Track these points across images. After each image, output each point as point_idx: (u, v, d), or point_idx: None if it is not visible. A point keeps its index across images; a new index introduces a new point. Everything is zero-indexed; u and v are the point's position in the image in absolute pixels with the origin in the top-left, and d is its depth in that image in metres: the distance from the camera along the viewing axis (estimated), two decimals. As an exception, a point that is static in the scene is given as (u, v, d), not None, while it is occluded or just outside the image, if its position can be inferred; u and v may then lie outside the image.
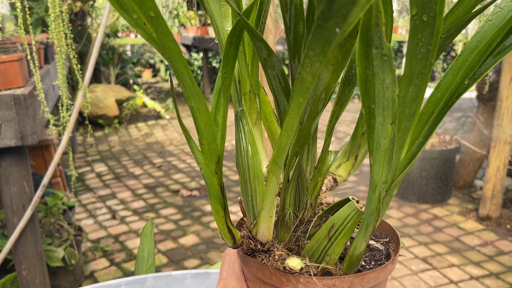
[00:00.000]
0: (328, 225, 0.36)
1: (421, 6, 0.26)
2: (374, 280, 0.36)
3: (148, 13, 0.28)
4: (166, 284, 0.75)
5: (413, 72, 0.30)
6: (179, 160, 3.98)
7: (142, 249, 0.95)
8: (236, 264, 0.43)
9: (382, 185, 0.34)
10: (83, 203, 3.07)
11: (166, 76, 8.94)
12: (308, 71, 0.25)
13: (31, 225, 1.54)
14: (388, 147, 0.32)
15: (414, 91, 0.31)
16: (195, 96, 0.33)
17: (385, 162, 0.33)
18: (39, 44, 1.86)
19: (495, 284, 2.05)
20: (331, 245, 0.37)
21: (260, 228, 0.38)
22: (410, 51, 0.29)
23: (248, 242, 0.39)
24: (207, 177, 0.37)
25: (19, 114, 1.36)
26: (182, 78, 0.32)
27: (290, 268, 0.36)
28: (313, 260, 0.37)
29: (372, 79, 0.28)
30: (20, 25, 1.34)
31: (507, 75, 2.39)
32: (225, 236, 0.39)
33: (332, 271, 0.37)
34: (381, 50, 0.27)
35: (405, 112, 0.32)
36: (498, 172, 2.54)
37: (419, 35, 0.28)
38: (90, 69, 1.52)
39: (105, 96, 5.13)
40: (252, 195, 0.38)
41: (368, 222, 0.35)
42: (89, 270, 2.25)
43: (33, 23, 3.67)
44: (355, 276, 0.35)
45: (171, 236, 2.59)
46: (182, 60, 0.31)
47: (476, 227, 2.58)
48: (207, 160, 0.37)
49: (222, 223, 0.38)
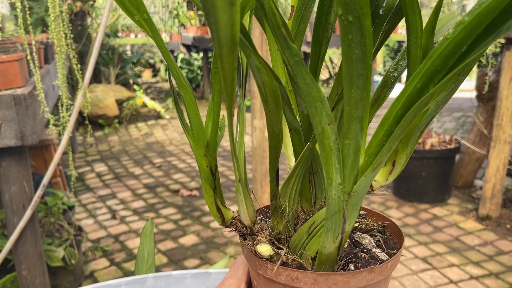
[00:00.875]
0: (310, 222, 0.37)
1: (345, 6, 0.26)
2: (343, 284, 0.36)
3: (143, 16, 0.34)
4: (166, 284, 0.75)
5: (352, 73, 0.29)
6: (179, 160, 3.98)
7: (142, 249, 0.95)
8: (240, 268, 0.46)
9: (338, 186, 0.33)
10: (83, 203, 3.07)
11: (166, 76, 8.93)
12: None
13: (31, 225, 1.54)
14: (333, 147, 0.32)
15: (358, 93, 0.30)
16: (183, 87, 0.38)
17: (335, 163, 0.33)
18: (39, 44, 1.86)
19: (495, 284, 2.05)
20: (309, 241, 0.37)
21: (240, 212, 0.42)
22: (345, 52, 0.29)
23: (236, 223, 0.43)
24: (198, 160, 0.42)
25: (19, 114, 1.36)
26: (172, 71, 0.37)
27: (259, 253, 0.38)
28: (295, 253, 0.39)
29: (297, 79, 0.29)
30: (20, 25, 1.34)
31: (507, 75, 2.39)
32: (213, 214, 0.43)
33: (304, 266, 0.38)
34: (291, 51, 0.28)
35: (352, 113, 0.31)
36: (498, 172, 2.54)
37: (350, 35, 0.28)
38: (90, 69, 1.52)
39: (105, 96, 5.13)
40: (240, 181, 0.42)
41: (332, 223, 0.35)
42: (89, 270, 2.25)
43: (33, 23, 3.66)
44: (319, 274, 0.35)
45: (171, 236, 2.59)
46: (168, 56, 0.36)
47: (476, 227, 2.58)
48: (196, 144, 0.42)
49: (211, 202, 0.43)
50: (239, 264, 0.47)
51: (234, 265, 0.47)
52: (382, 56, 8.68)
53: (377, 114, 0.45)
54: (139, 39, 8.84)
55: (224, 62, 0.25)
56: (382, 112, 0.35)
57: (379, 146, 0.33)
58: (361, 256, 0.40)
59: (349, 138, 0.32)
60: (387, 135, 0.32)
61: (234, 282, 0.44)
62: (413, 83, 0.30)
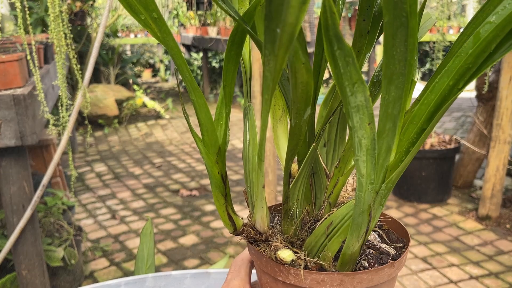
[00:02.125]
0: (327, 222, 0.37)
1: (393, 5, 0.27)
2: (367, 282, 0.36)
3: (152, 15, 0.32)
4: (166, 284, 0.75)
5: (393, 72, 0.30)
6: (178, 160, 3.98)
7: (141, 249, 0.95)
8: (242, 269, 0.45)
9: (369, 185, 0.34)
10: (83, 203, 3.07)
11: (165, 76, 8.93)
12: (268, 68, 0.26)
13: (31, 225, 1.54)
14: (370, 147, 0.32)
15: (396, 92, 0.30)
16: (195, 91, 0.36)
17: (369, 162, 0.33)
18: (38, 44, 1.86)
19: (494, 284, 2.05)
20: (328, 242, 0.37)
21: (256, 218, 0.40)
22: (387, 51, 0.29)
23: (249, 230, 0.41)
24: (208, 166, 0.40)
25: (19, 114, 1.36)
26: (183, 74, 0.35)
27: (281, 259, 0.37)
28: (311, 255, 0.38)
29: (341, 78, 0.29)
30: (20, 25, 1.34)
31: (506, 74, 2.39)
32: (225, 223, 0.41)
33: (325, 267, 0.37)
34: (343, 51, 0.27)
35: (388, 112, 0.31)
36: (497, 172, 2.54)
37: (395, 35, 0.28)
38: (90, 69, 1.52)
39: (104, 96, 5.13)
40: (251, 186, 0.40)
41: (359, 222, 0.35)
42: (89, 270, 2.25)
43: (33, 23, 3.66)
44: (345, 275, 0.35)
45: (171, 236, 2.59)
46: (181, 57, 0.34)
47: (475, 226, 2.58)
48: (207, 150, 0.39)
49: (222, 210, 0.41)
50: (240, 264, 0.46)
51: (234, 266, 0.46)
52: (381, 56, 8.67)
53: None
54: (139, 39, 8.84)
55: (277, 63, 0.25)
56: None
57: (409, 144, 0.34)
58: (370, 252, 0.41)
59: (383, 137, 0.32)
60: (419, 133, 0.33)
61: (239, 283, 0.43)
62: (444, 80, 0.32)
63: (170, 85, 8.21)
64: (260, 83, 2.97)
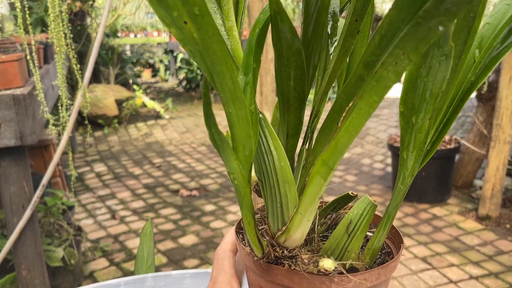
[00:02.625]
0: (345, 222, 0.37)
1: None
2: (392, 269, 0.38)
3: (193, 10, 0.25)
4: (166, 284, 0.75)
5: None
6: (178, 160, 3.98)
7: (141, 249, 0.95)
8: (226, 262, 0.43)
9: (409, 178, 0.35)
10: (83, 203, 3.07)
11: (165, 76, 8.93)
12: (391, 69, 0.25)
13: (31, 225, 1.54)
14: (422, 141, 0.33)
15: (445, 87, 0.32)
16: (235, 101, 0.30)
17: (417, 156, 0.34)
18: (38, 44, 1.85)
19: (494, 284, 2.05)
20: (350, 241, 0.37)
21: (292, 234, 0.37)
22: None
23: (272, 250, 0.38)
24: (241, 187, 0.35)
25: (19, 114, 1.36)
26: (224, 81, 0.29)
27: (325, 269, 0.35)
28: (334, 258, 0.38)
29: (425, 76, 0.29)
30: (20, 25, 1.34)
31: (506, 74, 2.39)
32: (256, 247, 0.37)
33: (357, 266, 0.38)
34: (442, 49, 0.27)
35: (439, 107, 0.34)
36: (497, 172, 2.54)
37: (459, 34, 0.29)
38: (90, 69, 1.52)
39: (104, 96, 5.13)
40: (282, 200, 0.36)
41: (390, 215, 0.37)
42: (89, 270, 2.25)
43: (33, 23, 3.66)
44: (381, 268, 0.37)
45: (170, 236, 2.59)
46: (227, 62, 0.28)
47: (475, 226, 2.58)
48: (242, 170, 0.34)
49: (253, 234, 0.37)
50: (223, 257, 0.44)
51: (217, 259, 0.44)
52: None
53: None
54: (139, 39, 8.85)
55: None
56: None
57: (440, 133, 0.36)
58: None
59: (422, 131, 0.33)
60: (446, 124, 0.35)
61: (225, 279, 0.42)
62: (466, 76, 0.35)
63: (170, 85, 8.21)
64: (260, 83, 2.98)
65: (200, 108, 6.11)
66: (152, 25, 9.32)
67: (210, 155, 4.07)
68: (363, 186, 3.19)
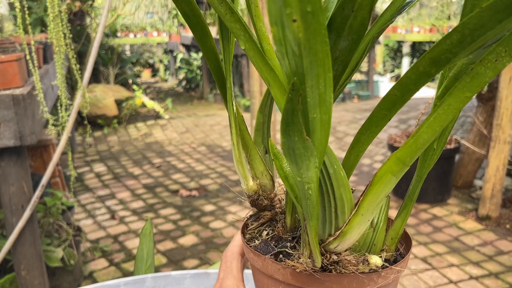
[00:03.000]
0: None
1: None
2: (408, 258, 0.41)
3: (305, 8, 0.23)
4: (165, 284, 0.75)
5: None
6: (178, 160, 3.97)
7: (141, 249, 0.95)
8: (234, 265, 0.43)
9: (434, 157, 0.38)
10: (82, 203, 3.07)
11: (165, 76, 8.94)
12: (490, 66, 0.25)
13: (30, 225, 1.53)
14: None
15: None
16: (322, 105, 0.28)
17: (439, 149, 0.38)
18: (38, 44, 1.85)
19: (494, 284, 2.05)
20: (376, 234, 0.39)
21: (348, 237, 0.36)
22: None
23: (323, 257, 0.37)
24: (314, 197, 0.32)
25: (18, 114, 1.35)
26: (317, 84, 0.27)
27: (376, 266, 0.36)
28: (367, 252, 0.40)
29: None
30: (19, 25, 1.33)
31: (506, 74, 2.39)
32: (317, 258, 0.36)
33: (388, 257, 0.40)
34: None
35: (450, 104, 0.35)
36: (497, 172, 2.54)
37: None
38: (89, 69, 1.52)
39: (104, 96, 5.12)
40: (337, 204, 0.35)
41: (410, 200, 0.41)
42: (88, 270, 2.24)
43: (32, 23, 3.66)
44: (408, 255, 0.40)
45: (170, 236, 2.59)
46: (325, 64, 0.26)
47: (475, 227, 2.58)
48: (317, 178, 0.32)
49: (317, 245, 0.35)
50: (231, 260, 0.43)
51: (225, 261, 0.43)
52: (381, 56, 8.68)
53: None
54: (138, 39, 8.84)
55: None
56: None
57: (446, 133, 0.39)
58: None
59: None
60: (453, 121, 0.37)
61: (232, 283, 0.41)
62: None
63: (170, 85, 8.21)
64: (259, 83, 2.97)
65: (200, 108, 6.11)
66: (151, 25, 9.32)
67: (210, 155, 4.07)
68: (363, 186, 3.18)
